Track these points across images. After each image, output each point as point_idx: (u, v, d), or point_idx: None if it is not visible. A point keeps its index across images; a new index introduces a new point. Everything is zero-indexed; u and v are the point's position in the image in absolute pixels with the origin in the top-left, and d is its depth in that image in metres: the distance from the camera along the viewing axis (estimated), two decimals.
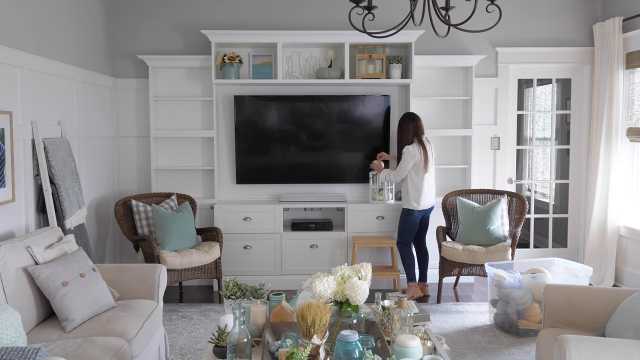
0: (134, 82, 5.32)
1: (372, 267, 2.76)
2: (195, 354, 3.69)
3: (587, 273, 4.01)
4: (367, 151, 5.32)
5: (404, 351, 2.34)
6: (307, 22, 5.31)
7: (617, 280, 5.20)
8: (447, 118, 5.42)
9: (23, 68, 3.54)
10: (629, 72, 5.05)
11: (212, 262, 4.69)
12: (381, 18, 4.39)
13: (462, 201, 4.87)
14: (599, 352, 2.25)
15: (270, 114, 5.30)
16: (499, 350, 3.73)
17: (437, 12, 2.72)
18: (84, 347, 2.64)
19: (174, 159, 5.38)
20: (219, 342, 2.59)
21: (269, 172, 5.35)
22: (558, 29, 5.44)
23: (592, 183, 5.28)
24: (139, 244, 4.60)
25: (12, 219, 3.43)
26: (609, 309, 2.86)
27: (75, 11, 4.46)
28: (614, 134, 5.05)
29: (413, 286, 4.84)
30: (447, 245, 4.69)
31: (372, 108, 5.29)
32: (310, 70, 5.31)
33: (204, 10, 5.31)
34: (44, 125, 3.82)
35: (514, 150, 5.59)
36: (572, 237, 5.70)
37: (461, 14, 3.78)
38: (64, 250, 3.23)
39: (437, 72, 5.39)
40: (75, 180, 4.04)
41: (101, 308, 3.09)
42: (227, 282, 3.14)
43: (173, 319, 4.35)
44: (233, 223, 5.08)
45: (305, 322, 2.36)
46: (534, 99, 5.66)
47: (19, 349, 2.14)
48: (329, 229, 5.16)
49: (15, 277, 2.83)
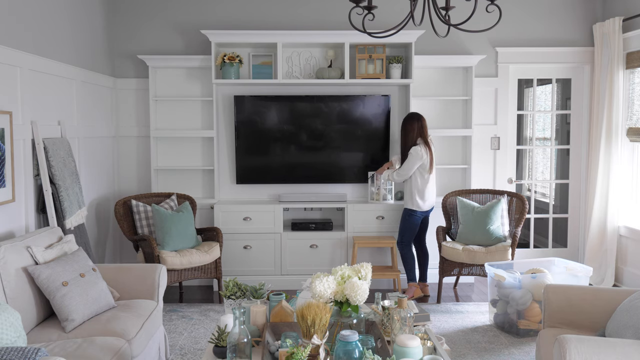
0: (134, 82, 5.32)
1: (372, 267, 2.76)
2: (195, 354, 3.69)
3: (587, 273, 4.01)
4: (367, 151, 5.32)
5: (404, 351, 2.34)
6: (307, 22, 5.31)
7: (617, 280, 5.21)
8: (447, 118, 5.42)
9: (23, 68, 3.54)
10: (629, 72, 5.05)
11: (212, 262, 4.69)
12: (381, 18, 4.39)
13: (462, 201, 4.87)
14: (599, 352, 2.25)
15: (270, 114, 5.30)
16: (499, 350, 3.73)
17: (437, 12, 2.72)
18: (84, 347, 2.64)
19: (174, 159, 5.38)
20: (219, 342, 2.59)
21: (269, 172, 5.35)
22: (558, 29, 5.44)
23: (592, 183, 5.28)
24: (139, 244, 4.60)
25: (12, 219, 3.43)
26: (609, 309, 2.86)
27: (75, 11, 4.46)
28: (614, 134, 5.05)
29: (413, 286, 4.84)
30: (447, 245, 4.69)
31: (372, 108, 5.29)
32: (310, 70, 5.31)
33: (204, 10, 5.31)
34: (44, 125, 3.82)
35: (514, 150, 5.59)
36: (572, 237, 5.70)
37: (461, 14, 3.78)
38: (64, 250, 3.23)
39: (437, 72, 5.39)
40: (75, 180, 4.04)
41: (101, 308, 3.09)
42: (227, 282, 3.14)
43: (173, 319, 4.35)
44: (233, 223, 5.08)
45: (305, 322, 2.36)
46: (534, 99, 5.66)
47: (19, 349, 2.14)
48: (329, 229, 5.16)
49: (15, 277, 2.83)
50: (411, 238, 4.85)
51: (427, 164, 4.69)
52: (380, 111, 5.29)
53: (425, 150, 4.67)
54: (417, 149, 4.66)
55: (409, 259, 4.83)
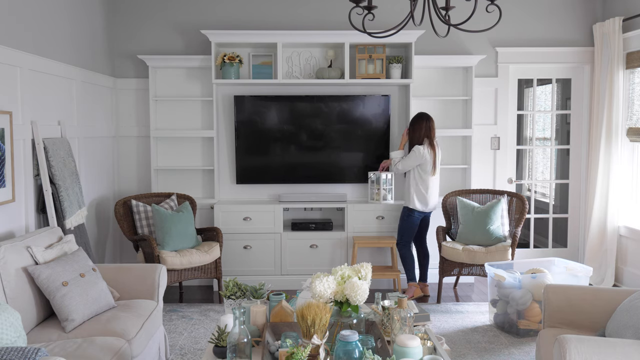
0: (134, 82, 5.32)
1: (372, 267, 2.76)
2: (195, 354, 3.69)
3: (587, 273, 4.01)
4: (367, 151, 5.32)
5: (404, 351, 2.34)
6: (307, 22, 5.31)
7: (617, 280, 5.20)
8: (447, 118, 5.42)
9: (23, 68, 3.54)
10: (629, 72, 5.05)
11: (212, 262, 4.69)
12: (381, 18, 4.39)
13: (462, 201, 4.87)
14: (599, 352, 2.25)
15: (270, 114, 5.30)
16: (499, 350, 3.73)
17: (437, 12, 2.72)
18: (84, 347, 2.64)
19: (174, 159, 5.38)
20: (219, 342, 2.59)
21: (269, 172, 5.35)
22: (558, 29, 5.44)
23: (592, 183, 5.28)
24: (139, 244, 4.60)
25: (12, 219, 3.43)
26: (609, 309, 2.86)
27: (75, 11, 4.46)
28: (614, 134, 5.05)
29: (413, 286, 4.84)
30: (447, 245, 4.69)
31: (372, 108, 5.29)
32: (310, 70, 5.31)
33: (204, 10, 5.31)
34: (44, 125, 3.82)
35: (514, 150, 5.59)
36: (572, 237, 5.70)
37: (461, 14, 3.78)
38: (64, 250, 3.23)
39: (437, 72, 5.39)
40: (75, 180, 4.04)
41: (101, 308, 3.09)
42: (227, 282, 3.14)
43: (173, 319, 4.35)
44: (233, 223, 5.08)
45: (305, 322, 2.36)
46: (534, 99, 5.66)
47: (19, 349, 2.14)
48: (329, 229, 5.16)
49: (15, 277, 2.83)
50: (410, 238, 4.85)
51: (427, 165, 4.69)
52: (380, 111, 5.29)
53: (428, 151, 4.67)
54: (419, 147, 4.67)
55: (408, 259, 4.83)
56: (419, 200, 4.74)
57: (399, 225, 4.88)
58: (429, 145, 4.69)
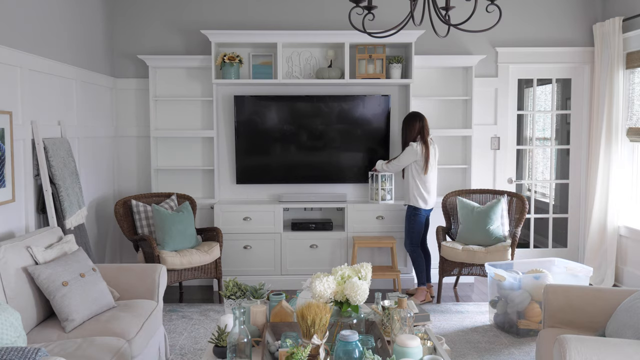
0: (134, 82, 5.32)
1: (372, 267, 2.76)
2: (195, 354, 3.69)
3: (587, 273, 4.01)
4: (367, 151, 5.32)
5: (404, 351, 2.33)
6: (307, 22, 5.31)
7: (617, 280, 5.20)
8: (447, 118, 5.42)
9: (23, 68, 3.54)
10: (629, 72, 5.05)
11: (212, 262, 4.69)
12: (381, 18, 4.38)
13: (462, 201, 4.87)
14: (599, 352, 2.25)
15: (270, 114, 5.30)
16: (499, 350, 3.73)
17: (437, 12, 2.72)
18: (84, 347, 2.64)
19: (174, 159, 5.38)
20: (219, 342, 2.59)
21: (269, 172, 5.35)
22: (558, 29, 5.44)
23: (592, 183, 5.28)
24: (139, 244, 4.60)
25: (12, 219, 3.43)
26: (609, 309, 2.86)
27: (76, 11, 4.46)
28: (614, 134, 5.05)
29: (424, 290, 4.77)
30: (447, 245, 4.69)
31: (372, 108, 5.29)
32: (310, 70, 5.31)
33: (204, 10, 5.31)
34: (44, 125, 3.82)
35: (514, 150, 5.59)
36: (572, 237, 5.70)
37: (461, 14, 3.78)
38: (64, 250, 3.23)
39: (437, 72, 5.39)
40: (75, 180, 4.04)
41: (101, 308, 3.09)
42: (227, 282, 3.14)
43: (173, 319, 4.35)
44: (233, 223, 5.08)
45: (305, 322, 2.36)
46: (534, 99, 5.66)
47: (19, 349, 2.14)
48: (329, 229, 5.16)
49: (15, 277, 2.83)
50: (419, 238, 4.80)
51: (421, 162, 4.68)
52: (380, 111, 5.29)
53: (422, 148, 4.67)
54: (413, 144, 4.67)
55: (420, 261, 4.77)
56: (422, 199, 4.73)
57: (406, 226, 4.84)
58: (423, 143, 4.69)
